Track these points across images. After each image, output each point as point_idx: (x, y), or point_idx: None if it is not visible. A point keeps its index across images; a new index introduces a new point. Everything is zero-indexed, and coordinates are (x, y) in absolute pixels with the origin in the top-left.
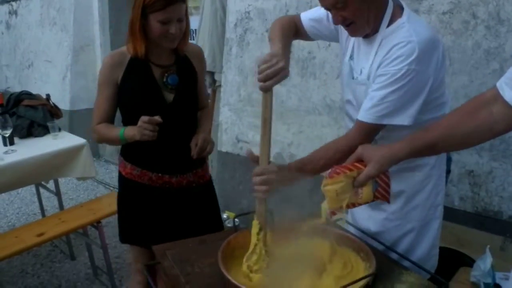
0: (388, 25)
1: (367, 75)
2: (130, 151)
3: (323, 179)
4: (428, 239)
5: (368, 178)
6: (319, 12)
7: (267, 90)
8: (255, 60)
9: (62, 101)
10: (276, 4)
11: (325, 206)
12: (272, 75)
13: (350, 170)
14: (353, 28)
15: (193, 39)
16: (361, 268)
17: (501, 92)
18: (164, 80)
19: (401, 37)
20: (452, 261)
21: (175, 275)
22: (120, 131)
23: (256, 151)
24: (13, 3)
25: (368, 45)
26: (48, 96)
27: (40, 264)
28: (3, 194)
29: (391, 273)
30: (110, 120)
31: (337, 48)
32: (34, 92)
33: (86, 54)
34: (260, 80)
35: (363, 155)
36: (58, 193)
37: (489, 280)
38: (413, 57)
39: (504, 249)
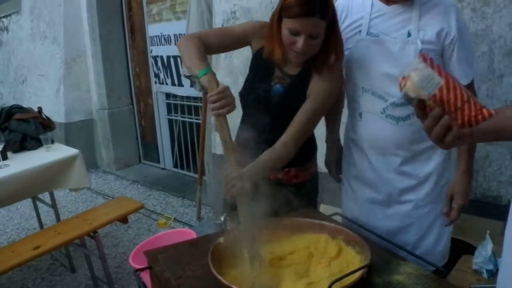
0: None
1: (417, 32)
2: None
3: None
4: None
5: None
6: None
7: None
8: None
9: (57, 113)
10: (261, 2)
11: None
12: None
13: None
14: None
15: None
16: (356, 261)
17: None
18: (273, 85)
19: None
20: (454, 249)
21: (167, 279)
22: (200, 72)
23: None
24: (4, 19)
25: (401, 9)
26: (39, 108)
27: (41, 278)
28: (2, 210)
29: (388, 264)
30: (213, 46)
31: None
32: (29, 106)
33: (78, 66)
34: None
35: None
36: (54, 206)
37: (491, 267)
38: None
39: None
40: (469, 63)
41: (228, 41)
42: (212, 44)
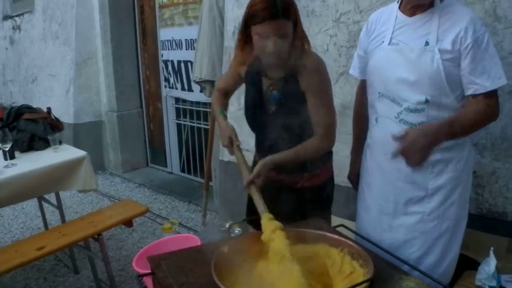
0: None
1: (435, 41)
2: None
3: None
4: (458, 239)
5: None
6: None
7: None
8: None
9: (66, 114)
10: None
11: None
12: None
13: None
14: None
15: (193, 48)
16: (360, 274)
17: None
18: (268, 93)
19: (464, 8)
20: (458, 264)
21: (169, 285)
22: (218, 112)
23: None
24: (17, 18)
25: (422, 20)
26: (49, 109)
27: (44, 278)
28: (7, 209)
29: (391, 278)
30: (228, 90)
31: (334, 53)
32: (38, 106)
33: (89, 67)
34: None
35: None
36: (59, 207)
37: (494, 283)
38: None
39: (510, 251)
40: (489, 72)
41: (233, 85)
42: (227, 89)
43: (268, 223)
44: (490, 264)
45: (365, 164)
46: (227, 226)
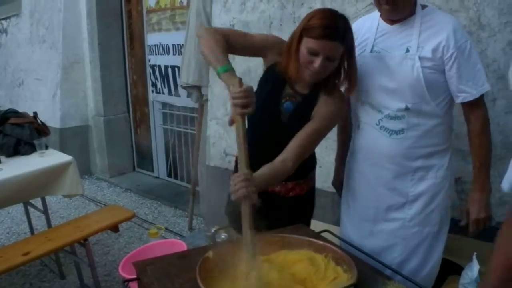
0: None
1: (416, 48)
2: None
3: None
4: (440, 245)
5: None
6: None
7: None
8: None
9: (52, 119)
10: (260, 17)
11: None
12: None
13: None
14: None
15: (180, 53)
16: (344, 279)
17: None
18: (283, 101)
19: (446, 16)
20: (441, 269)
21: None
22: (221, 68)
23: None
24: (3, 21)
25: (402, 27)
26: (35, 113)
27: (29, 283)
28: None
29: (374, 283)
30: (233, 45)
31: None
32: (25, 110)
33: (76, 72)
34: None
35: None
36: (46, 211)
37: None
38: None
39: None
40: (473, 80)
41: (249, 46)
42: (235, 44)
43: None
44: (473, 269)
45: (348, 170)
46: (212, 231)
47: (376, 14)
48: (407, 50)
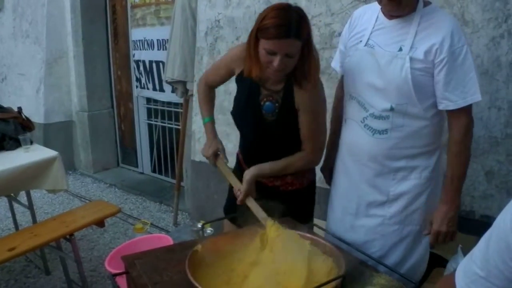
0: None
1: (409, 48)
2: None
3: None
4: (424, 244)
5: None
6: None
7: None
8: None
9: (36, 114)
10: (245, 12)
11: None
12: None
13: None
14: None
15: (164, 49)
16: (332, 272)
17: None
18: (263, 103)
19: (446, 17)
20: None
21: (143, 284)
22: (205, 119)
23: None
24: None
25: (401, 24)
26: (19, 109)
27: (14, 280)
28: None
29: (361, 276)
30: (215, 84)
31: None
32: (8, 106)
33: (60, 67)
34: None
35: None
36: (31, 207)
37: None
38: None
39: None
40: (462, 88)
41: (223, 78)
42: (213, 83)
43: (272, 227)
44: (458, 262)
45: (336, 162)
46: (199, 226)
47: (376, 6)
48: (400, 49)
